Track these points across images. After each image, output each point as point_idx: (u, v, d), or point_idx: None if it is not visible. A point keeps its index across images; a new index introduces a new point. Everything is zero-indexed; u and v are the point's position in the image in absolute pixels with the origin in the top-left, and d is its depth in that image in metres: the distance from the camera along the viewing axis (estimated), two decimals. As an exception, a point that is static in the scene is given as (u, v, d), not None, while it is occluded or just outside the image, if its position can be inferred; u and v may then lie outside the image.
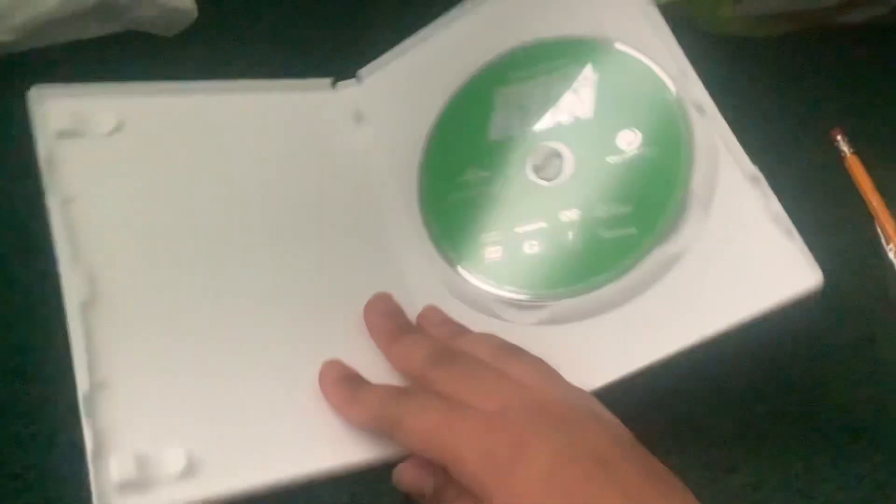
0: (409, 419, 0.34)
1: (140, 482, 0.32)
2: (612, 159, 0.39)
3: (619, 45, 0.41)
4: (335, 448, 0.35)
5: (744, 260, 0.36)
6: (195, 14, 0.50)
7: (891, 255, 0.48)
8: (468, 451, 0.33)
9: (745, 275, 0.36)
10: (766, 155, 0.51)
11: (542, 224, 0.40)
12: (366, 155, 0.45)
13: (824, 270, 0.36)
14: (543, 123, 0.42)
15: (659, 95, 0.40)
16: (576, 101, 0.41)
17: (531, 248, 0.39)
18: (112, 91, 0.41)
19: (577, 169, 0.40)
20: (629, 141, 0.40)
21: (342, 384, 0.37)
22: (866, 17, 0.56)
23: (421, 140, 0.44)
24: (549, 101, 0.42)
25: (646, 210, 0.38)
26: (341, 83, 0.46)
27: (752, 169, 0.37)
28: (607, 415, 0.35)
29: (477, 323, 0.40)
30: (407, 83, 0.46)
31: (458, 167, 0.42)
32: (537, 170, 0.41)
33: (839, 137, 0.52)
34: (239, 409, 0.35)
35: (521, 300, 0.39)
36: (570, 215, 0.39)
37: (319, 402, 0.36)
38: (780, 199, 0.49)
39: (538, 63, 0.43)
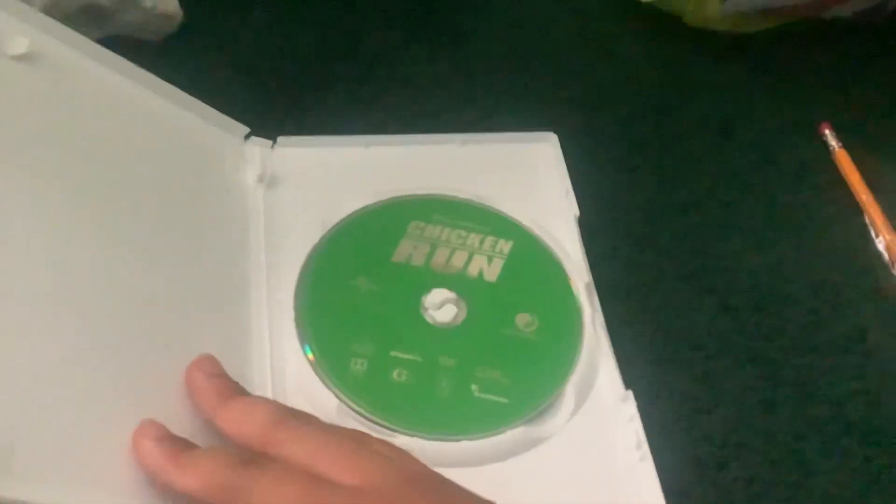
0: (260, 493, 0.30)
1: None
2: (506, 331, 0.41)
3: (548, 241, 0.44)
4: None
5: (597, 469, 0.38)
6: (180, 18, 0.50)
7: (880, 247, 0.48)
8: None
9: (593, 484, 0.37)
10: (755, 151, 0.53)
11: (418, 358, 0.40)
12: (255, 212, 0.43)
13: (815, 265, 0.35)
14: (448, 269, 0.43)
15: (566, 299, 0.42)
16: (485, 264, 0.43)
17: (399, 375, 0.39)
18: (34, 20, 0.38)
19: (468, 323, 0.41)
20: (526, 323, 0.41)
21: (164, 443, 0.32)
22: (852, 12, 0.56)
23: (318, 232, 0.43)
24: (460, 252, 0.43)
25: (523, 387, 0.39)
26: (254, 139, 0.45)
27: (623, 392, 0.39)
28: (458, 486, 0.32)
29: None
30: (325, 170, 0.46)
31: (351, 271, 0.42)
32: (430, 307, 0.41)
33: (827, 132, 0.53)
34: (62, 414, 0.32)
35: (370, 420, 0.38)
36: (449, 362, 0.40)
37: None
38: (771, 194, 0.51)
39: (467, 219, 0.45)
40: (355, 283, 0.41)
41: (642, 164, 0.51)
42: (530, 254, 0.44)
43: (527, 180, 0.47)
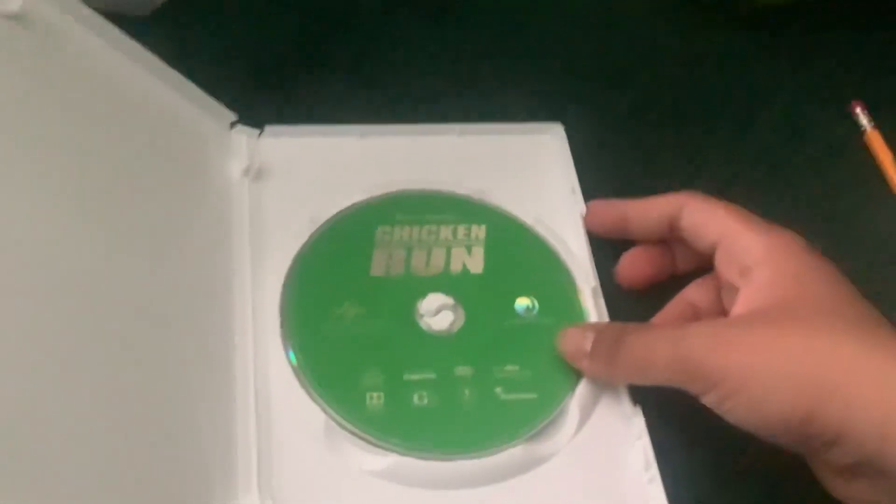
0: None
1: None
2: (509, 322, 0.39)
3: (537, 228, 0.42)
4: None
5: (602, 490, 0.36)
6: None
7: (914, 235, 0.45)
8: None
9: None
10: (780, 132, 0.50)
11: (433, 375, 0.37)
12: (239, 207, 0.40)
13: (844, 252, 0.34)
14: (430, 270, 0.40)
15: (557, 273, 0.41)
16: (465, 256, 0.41)
17: (420, 399, 0.36)
18: None
19: (469, 324, 0.39)
20: (526, 307, 0.40)
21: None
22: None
23: (306, 230, 0.40)
24: (437, 249, 0.41)
25: (547, 378, 0.38)
26: (241, 128, 0.43)
27: (632, 408, 0.37)
28: None
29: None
30: (316, 163, 0.43)
31: (334, 297, 0.39)
32: (427, 314, 0.39)
33: (858, 110, 0.50)
34: None
35: (361, 437, 0.35)
36: (466, 371, 0.37)
37: None
38: (798, 177, 0.48)
39: (431, 211, 0.42)
40: (341, 312, 0.38)
41: (660, 148, 0.48)
42: (507, 234, 0.42)
43: (530, 175, 0.44)
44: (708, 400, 0.34)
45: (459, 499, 0.35)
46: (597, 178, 0.44)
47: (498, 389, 0.37)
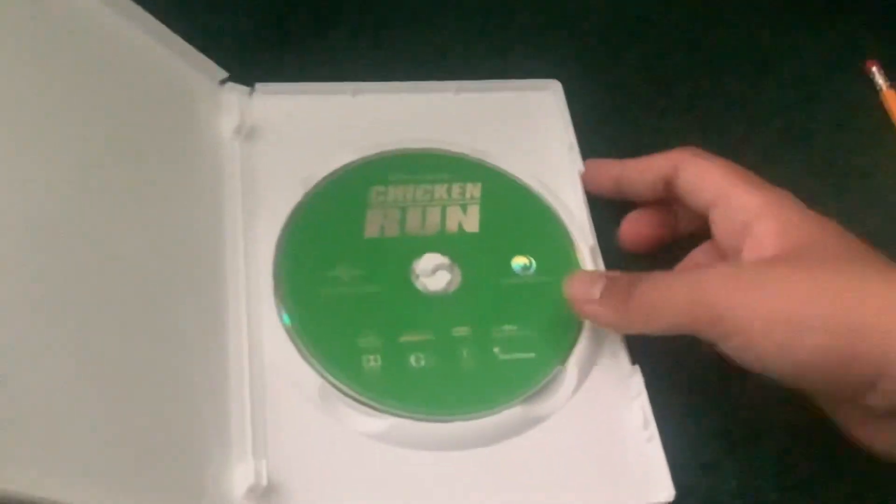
0: None
1: None
2: (506, 281, 0.38)
3: (534, 186, 0.41)
4: None
5: (600, 449, 0.35)
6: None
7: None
8: None
9: (596, 465, 0.35)
10: (793, 91, 0.49)
11: (431, 336, 0.36)
12: (231, 167, 0.39)
13: (858, 216, 0.34)
14: (426, 230, 0.39)
15: (554, 232, 0.40)
16: (461, 215, 0.40)
17: (418, 361, 0.36)
18: None
19: (466, 284, 0.38)
20: (524, 266, 0.39)
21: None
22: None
23: (298, 191, 0.39)
24: (431, 209, 0.40)
25: (545, 336, 0.37)
26: (231, 85, 0.41)
27: (630, 367, 0.37)
28: None
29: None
30: (308, 121, 0.42)
31: (328, 260, 0.38)
32: (423, 275, 0.38)
33: (875, 70, 0.49)
34: None
35: (357, 400, 0.35)
36: (463, 331, 0.37)
37: None
38: (811, 138, 0.47)
39: (425, 170, 0.41)
40: (336, 274, 0.37)
41: (670, 107, 0.47)
42: (504, 192, 0.41)
43: (527, 132, 0.43)
44: (730, 346, 0.32)
45: (457, 460, 0.34)
46: (602, 138, 0.43)
47: (496, 349, 0.36)
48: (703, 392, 0.38)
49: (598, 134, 0.43)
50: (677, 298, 0.33)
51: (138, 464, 0.30)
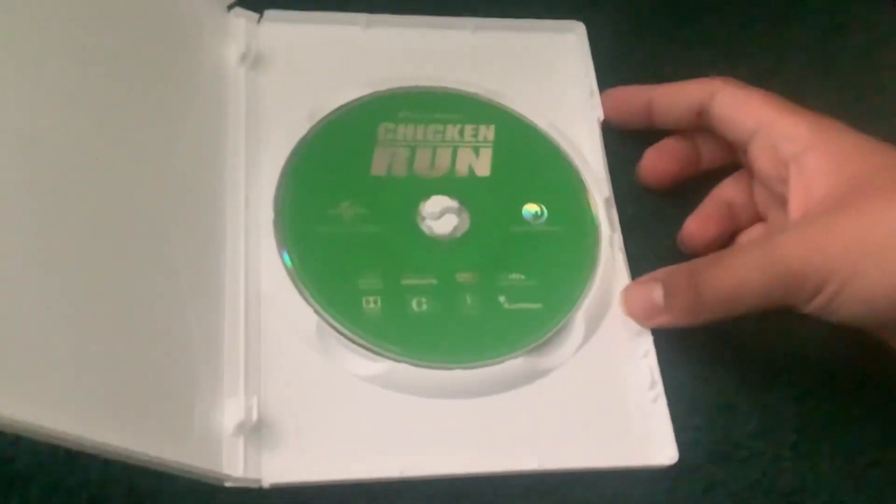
0: None
1: None
2: (515, 229, 0.37)
3: (552, 133, 0.40)
4: None
5: (604, 407, 0.34)
6: None
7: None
8: None
9: (598, 424, 0.34)
10: (822, 22, 0.47)
11: (433, 281, 0.35)
12: (235, 97, 0.38)
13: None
14: (435, 171, 0.38)
15: (568, 179, 0.39)
16: (472, 157, 0.38)
17: (419, 305, 0.35)
18: None
19: (473, 229, 0.37)
20: (535, 214, 0.37)
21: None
22: None
23: (304, 125, 0.38)
24: (442, 149, 0.39)
25: (552, 287, 0.36)
26: (239, 10, 0.40)
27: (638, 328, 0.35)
28: None
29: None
30: (316, 52, 0.40)
31: (332, 196, 0.36)
32: (429, 217, 0.37)
33: None
34: None
35: (353, 341, 0.34)
36: (467, 277, 0.35)
37: None
38: (840, 72, 0.45)
39: (436, 109, 0.39)
40: (339, 212, 0.36)
41: (695, 39, 0.45)
42: (518, 136, 0.39)
43: (546, 76, 0.41)
44: (815, 304, 0.32)
45: (455, 408, 0.33)
46: (624, 75, 0.41)
47: (501, 298, 0.35)
48: (719, 333, 0.36)
49: (619, 70, 0.41)
50: (754, 278, 0.32)
51: (122, 391, 0.29)
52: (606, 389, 0.34)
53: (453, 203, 0.37)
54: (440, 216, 0.37)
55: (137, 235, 0.32)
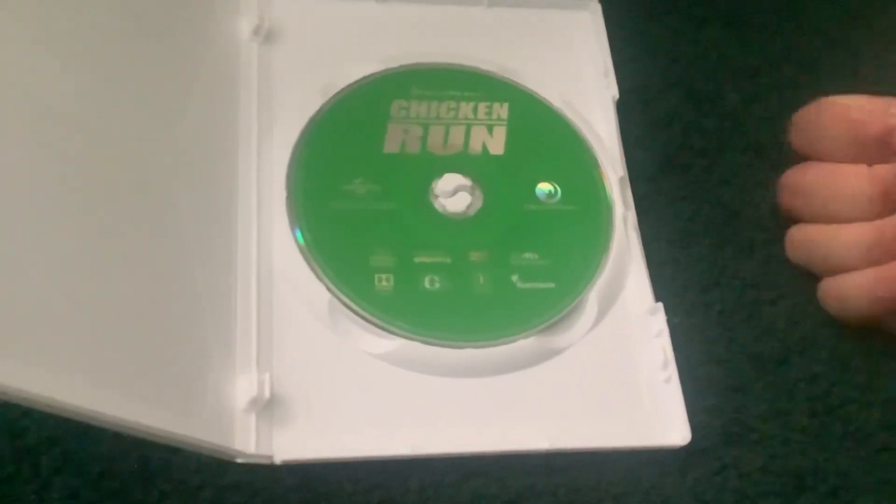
0: None
1: None
2: (529, 207, 0.37)
3: (566, 112, 0.39)
4: None
5: (616, 387, 0.34)
6: None
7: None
8: None
9: (610, 404, 0.34)
10: (840, 3, 0.45)
11: (447, 259, 0.35)
12: (247, 71, 0.38)
13: None
14: (448, 149, 0.38)
15: (581, 158, 0.39)
16: (486, 135, 0.38)
17: (432, 283, 0.35)
18: None
19: (487, 207, 0.37)
20: (548, 193, 0.37)
21: None
22: None
23: (317, 101, 0.38)
24: (455, 127, 0.38)
25: (566, 266, 0.36)
26: None
27: (653, 304, 0.35)
28: None
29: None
30: (330, 27, 0.40)
31: (344, 173, 0.36)
32: (442, 195, 0.36)
33: None
34: None
35: (365, 318, 0.34)
36: (480, 256, 0.35)
37: None
38: (857, 54, 0.44)
39: (450, 87, 0.39)
40: (352, 188, 0.36)
41: (711, 17, 0.44)
42: (532, 114, 0.39)
43: (561, 54, 0.41)
44: None
45: (466, 386, 0.33)
46: (639, 54, 0.41)
47: (514, 277, 0.35)
48: (732, 311, 0.37)
49: (634, 48, 0.41)
50: None
51: (134, 365, 0.29)
52: (619, 369, 0.34)
53: (466, 181, 0.37)
54: (453, 194, 0.36)
55: (150, 211, 0.32)
